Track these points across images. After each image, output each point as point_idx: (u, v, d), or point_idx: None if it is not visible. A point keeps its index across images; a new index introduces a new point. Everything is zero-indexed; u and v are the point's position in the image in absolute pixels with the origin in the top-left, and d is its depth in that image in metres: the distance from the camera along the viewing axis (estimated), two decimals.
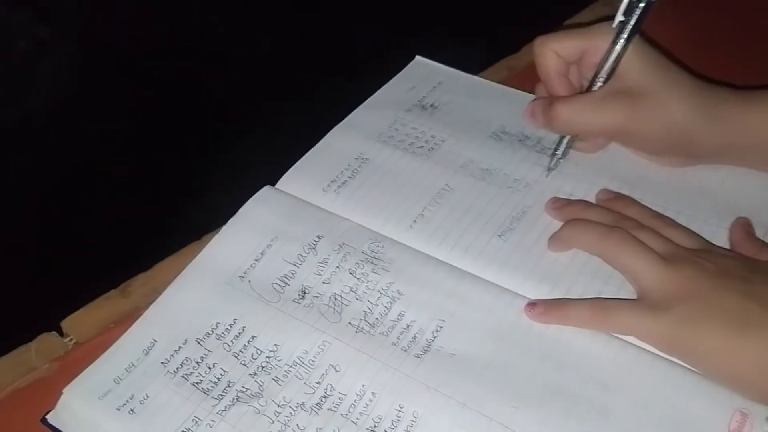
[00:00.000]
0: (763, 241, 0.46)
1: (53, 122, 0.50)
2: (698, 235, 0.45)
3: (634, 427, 0.39)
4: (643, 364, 0.41)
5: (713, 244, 0.45)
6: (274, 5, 0.59)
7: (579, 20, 0.66)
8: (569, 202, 0.49)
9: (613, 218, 0.46)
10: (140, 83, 0.52)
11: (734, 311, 0.39)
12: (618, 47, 0.47)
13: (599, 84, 0.49)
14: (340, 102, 0.58)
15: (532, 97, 0.56)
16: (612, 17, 0.48)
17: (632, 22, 0.47)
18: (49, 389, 0.42)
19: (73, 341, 0.46)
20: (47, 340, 0.46)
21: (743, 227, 0.46)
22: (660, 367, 0.41)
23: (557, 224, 0.48)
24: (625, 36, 0.47)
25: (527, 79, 0.56)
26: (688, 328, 0.40)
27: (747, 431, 0.38)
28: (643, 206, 0.48)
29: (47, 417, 0.41)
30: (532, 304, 0.44)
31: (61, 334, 0.46)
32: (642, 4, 0.47)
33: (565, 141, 0.51)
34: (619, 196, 0.49)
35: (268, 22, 0.58)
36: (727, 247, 0.46)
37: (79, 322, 0.47)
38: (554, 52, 0.50)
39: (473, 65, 0.61)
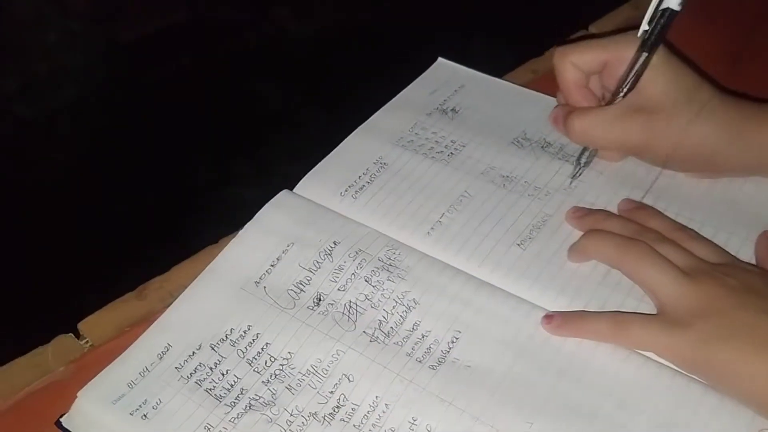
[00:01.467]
0: None
1: (73, 122, 0.50)
2: (722, 249, 0.44)
3: None
4: (663, 382, 0.40)
5: (738, 259, 0.44)
6: (298, 7, 0.59)
7: (604, 24, 0.65)
8: (590, 212, 0.48)
9: (634, 229, 0.45)
10: (161, 84, 0.52)
11: (755, 330, 0.38)
12: (641, 59, 0.46)
13: (621, 96, 0.48)
14: (362, 104, 0.57)
15: (554, 101, 0.55)
16: (638, 23, 0.47)
17: (655, 32, 0.46)
18: (65, 391, 0.42)
19: (89, 344, 0.46)
20: (64, 342, 0.46)
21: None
22: (680, 385, 0.40)
23: (578, 234, 0.47)
24: (648, 47, 0.46)
25: (551, 82, 0.55)
26: (708, 346, 0.39)
27: None
28: (666, 217, 0.47)
29: (61, 420, 0.41)
30: (550, 317, 0.43)
31: (78, 336, 0.46)
32: (663, 11, 0.45)
33: (589, 149, 0.50)
34: (642, 206, 0.48)
35: (290, 25, 0.57)
36: (753, 261, 0.45)
37: (95, 325, 0.47)
38: (573, 65, 0.49)
39: (497, 68, 0.60)
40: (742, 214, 0.48)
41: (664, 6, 0.46)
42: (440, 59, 0.61)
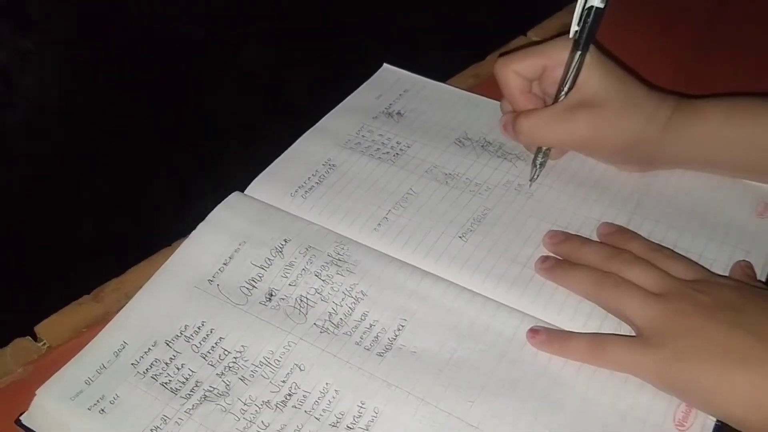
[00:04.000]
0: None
1: (29, 130, 0.51)
2: (698, 265, 0.45)
3: (585, 419, 0.40)
4: None
5: (712, 273, 0.45)
6: (248, 14, 0.61)
7: (542, 29, 0.68)
8: (566, 238, 0.49)
9: (608, 254, 0.46)
10: (114, 91, 0.54)
11: (728, 345, 0.38)
12: (576, 58, 0.49)
13: (563, 96, 0.50)
14: (310, 110, 0.59)
15: (496, 103, 0.58)
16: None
17: (584, 30, 0.48)
18: (24, 392, 0.43)
19: (47, 345, 0.47)
20: (21, 344, 0.47)
21: (743, 269, 0.46)
22: None
23: (518, 224, 0.50)
24: (580, 46, 0.49)
25: (492, 86, 0.58)
26: (680, 364, 0.39)
27: (691, 421, 0.40)
28: (643, 239, 0.48)
29: (21, 418, 0.43)
30: (535, 331, 0.44)
31: (35, 338, 0.47)
32: (589, 10, 0.48)
33: (543, 150, 0.52)
34: (620, 230, 0.49)
35: (239, 32, 0.59)
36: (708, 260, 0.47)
37: (52, 327, 0.48)
38: (515, 73, 0.51)
39: (441, 73, 0.63)
40: (677, 207, 0.50)
41: (589, 5, 0.48)
42: (385, 65, 0.63)
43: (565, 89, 0.50)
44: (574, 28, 0.49)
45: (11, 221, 0.51)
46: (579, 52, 0.49)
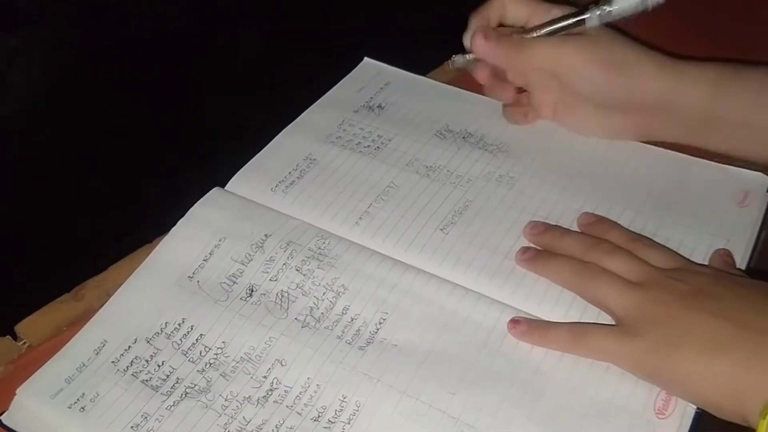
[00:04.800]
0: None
1: (4, 128, 0.51)
2: (676, 254, 0.45)
3: (566, 408, 0.41)
4: None
5: (691, 262, 0.45)
6: (229, 10, 0.61)
7: None
8: (547, 229, 0.48)
9: (588, 244, 0.46)
10: (91, 89, 0.53)
11: (705, 333, 0.39)
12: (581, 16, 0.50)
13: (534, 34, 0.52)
14: (292, 103, 0.59)
15: (477, 96, 0.59)
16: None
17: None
18: (5, 391, 0.43)
19: (27, 344, 0.47)
20: (2, 343, 0.47)
21: (723, 257, 0.46)
22: None
23: (499, 215, 0.50)
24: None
25: (473, 80, 0.58)
26: (661, 353, 0.39)
27: (672, 409, 0.40)
28: (623, 229, 0.48)
29: (1, 418, 0.42)
30: (516, 322, 0.44)
31: (15, 337, 0.47)
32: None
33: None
34: (600, 220, 0.49)
35: (218, 25, 0.59)
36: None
37: (32, 326, 0.48)
38: (503, 5, 0.53)
39: (422, 66, 0.63)
40: (660, 197, 0.50)
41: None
42: (366, 59, 0.63)
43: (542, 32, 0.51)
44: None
45: None
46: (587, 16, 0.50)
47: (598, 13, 0.50)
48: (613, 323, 0.43)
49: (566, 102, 0.53)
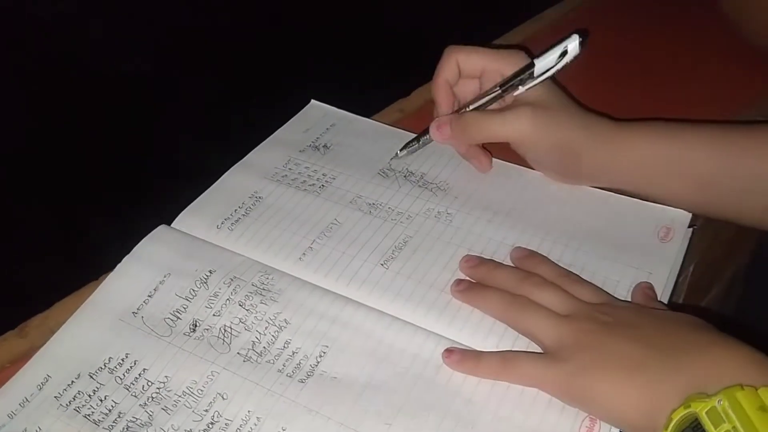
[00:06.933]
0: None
1: None
2: (601, 290, 0.48)
3: None
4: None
5: (614, 298, 0.47)
6: (181, 50, 0.62)
7: None
8: (480, 262, 0.51)
9: (520, 277, 0.48)
10: (40, 125, 0.54)
11: (621, 356, 0.41)
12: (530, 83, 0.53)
13: (482, 102, 0.54)
14: (241, 143, 0.61)
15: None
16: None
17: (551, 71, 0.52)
18: None
19: None
20: None
21: (644, 290, 0.48)
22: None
23: (438, 251, 0.52)
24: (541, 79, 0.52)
25: (418, 121, 0.61)
26: (582, 376, 0.41)
27: None
28: (553, 264, 0.50)
29: None
30: (450, 351, 0.45)
31: None
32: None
33: (422, 141, 0.57)
34: (531, 254, 0.51)
35: (174, 66, 0.61)
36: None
37: None
38: (456, 63, 0.55)
39: (368, 108, 0.66)
40: (587, 233, 0.53)
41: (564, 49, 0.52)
42: (313, 101, 0.65)
43: (488, 98, 0.54)
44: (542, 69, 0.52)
45: None
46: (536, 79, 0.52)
47: (525, 88, 0.53)
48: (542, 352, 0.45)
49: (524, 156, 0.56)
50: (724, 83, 0.68)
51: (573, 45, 0.51)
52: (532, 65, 0.52)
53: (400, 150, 0.58)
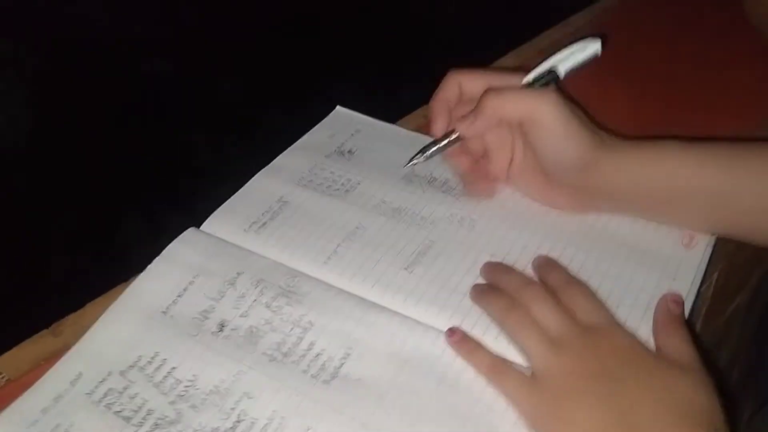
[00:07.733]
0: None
1: None
2: (603, 308, 0.47)
3: None
4: None
5: (613, 321, 0.47)
6: (209, 52, 0.63)
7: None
8: (496, 267, 0.52)
9: (521, 284, 0.49)
10: (75, 127, 0.55)
11: (589, 419, 0.41)
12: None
13: None
14: (268, 148, 0.62)
15: None
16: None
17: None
18: None
19: (6, 378, 0.49)
20: None
21: (668, 305, 0.48)
22: None
23: (461, 255, 0.53)
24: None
25: None
26: (550, 419, 0.43)
27: None
28: (563, 272, 0.50)
29: None
30: (453, 331, 0.47)
31: None
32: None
33: (436, 147, 0.54)
34: (546, 261, 0.52)
35: (203, 71, 0.62)
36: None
37: (12, 360, 0.50)
38: (458, 84, 0.54)
39: (393, 113, 0.67)
40: (610, 239, 0.53)
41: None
42: (338, 107, 0.66)
43: None
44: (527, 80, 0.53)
45: None
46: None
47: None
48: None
49: (521, 165, 0.55)
50: (751, 91, 0.68)
51: (596, 47, 0.51)
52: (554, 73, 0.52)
53: (415, 156, 0.55)
